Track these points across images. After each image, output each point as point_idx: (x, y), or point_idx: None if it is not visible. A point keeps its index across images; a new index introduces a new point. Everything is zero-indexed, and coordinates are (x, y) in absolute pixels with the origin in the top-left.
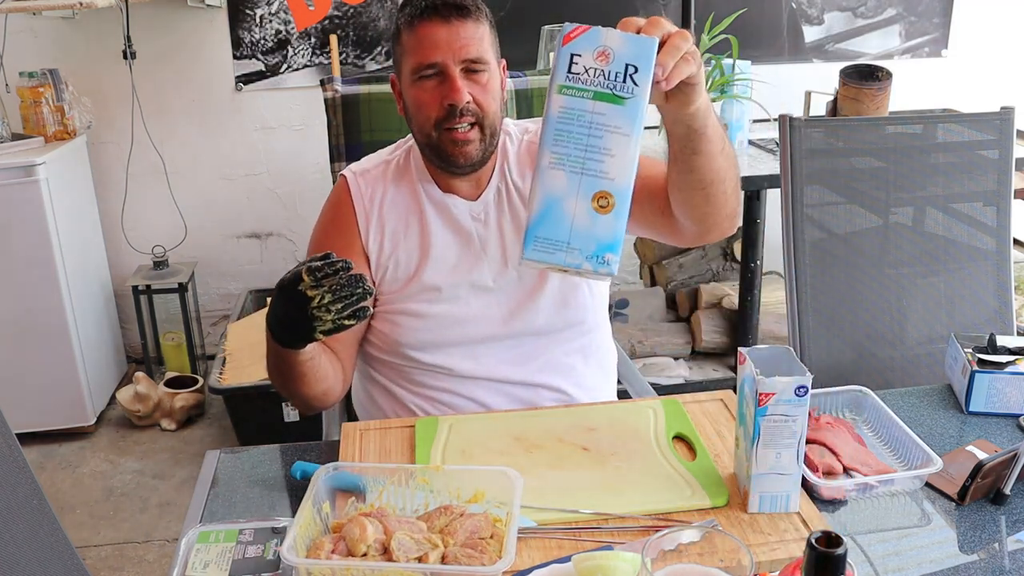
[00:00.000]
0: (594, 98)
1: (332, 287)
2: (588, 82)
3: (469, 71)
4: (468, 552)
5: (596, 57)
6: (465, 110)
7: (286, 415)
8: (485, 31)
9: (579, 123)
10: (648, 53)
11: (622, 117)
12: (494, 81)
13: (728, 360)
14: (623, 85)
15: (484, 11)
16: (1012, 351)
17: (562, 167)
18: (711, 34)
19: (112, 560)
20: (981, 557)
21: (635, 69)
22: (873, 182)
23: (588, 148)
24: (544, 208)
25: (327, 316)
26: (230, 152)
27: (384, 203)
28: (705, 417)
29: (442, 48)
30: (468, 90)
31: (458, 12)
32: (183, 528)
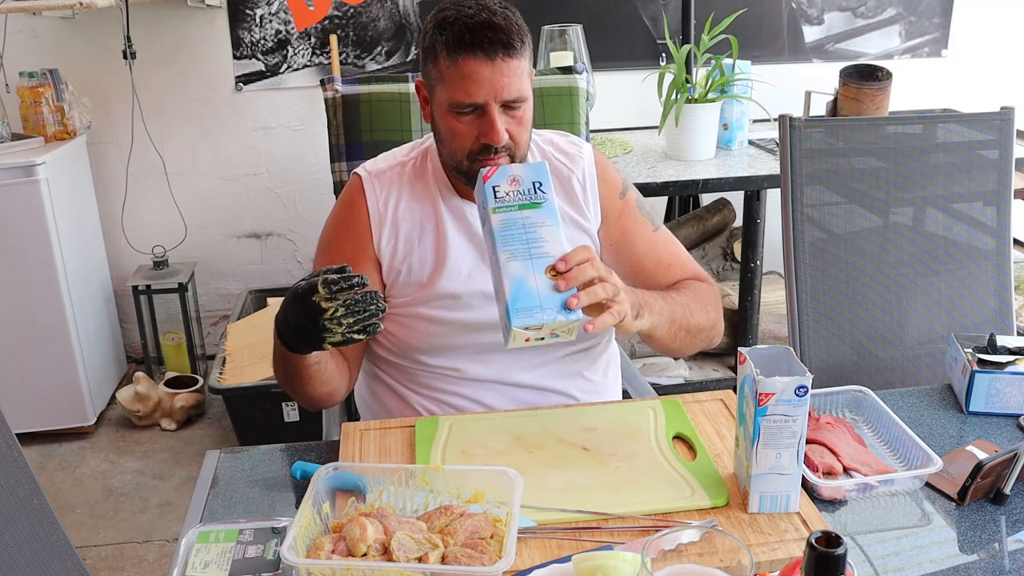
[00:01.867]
0: (520, 208)
1: (347, 301)
2: (512, 200)
3: (508, 107)
4: (468, 552)
5: (510, 183)
6: (502, 147)
7: (286, 415)
8: (527, 63)
9: (516, 227)
10: (543, 170)
11: (544, 214)
12: (530, 111)
13: (728, 360)
14: (536, 194)
15: (527, 40)
16: (1012, 351)
17: (516, 258)
18: (711, 34)
19: (112, 560)
20: (981, 557)
21: (540, 183)
22: (873, 182)
23: (529, 241)
24: (515, 289)
25: (338, 328)
26: (230, 152)
27: (399, 206)
28: (705, 417)
29: (484, 88)
30: (506, 127)
31: (504, 51)
32: (183, 528)
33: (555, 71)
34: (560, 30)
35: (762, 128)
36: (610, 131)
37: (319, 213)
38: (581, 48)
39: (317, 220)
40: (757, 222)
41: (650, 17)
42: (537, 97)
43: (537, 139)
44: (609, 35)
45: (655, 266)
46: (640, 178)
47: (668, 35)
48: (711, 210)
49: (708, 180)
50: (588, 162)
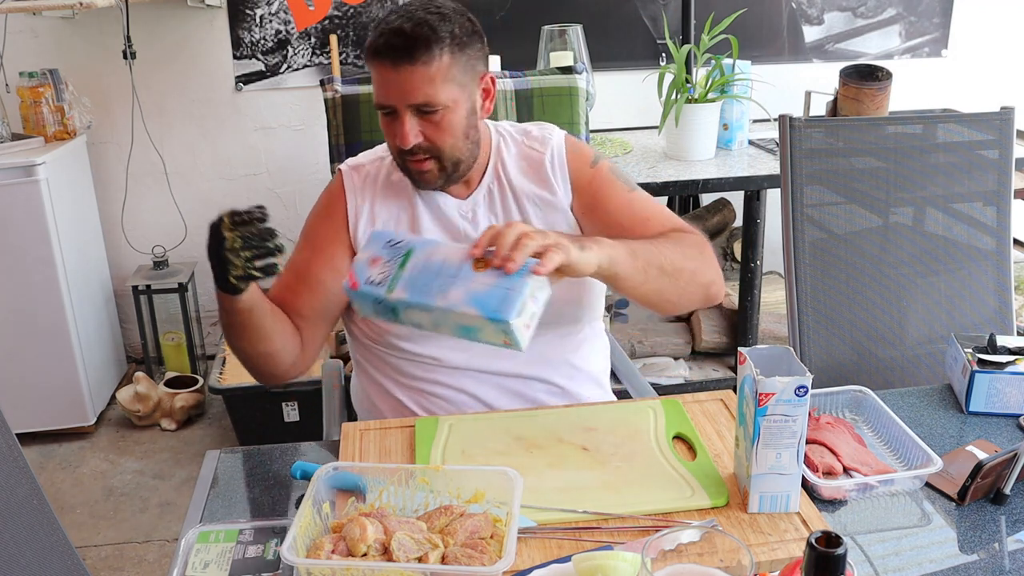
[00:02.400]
0: (401, 267)
1: (244, 234)
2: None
3: (423, 112)
4: (468, 552)
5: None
6: (417, 148)
7: (286, 415)
8: (441, 67)
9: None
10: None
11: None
12: (454, 113)
13: (728, 360)
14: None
15: (445, 41)
16: (1012, 351)
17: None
18: (711, 34)
19: (112, 560)
20: (981, 557)
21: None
22: (873, 182)
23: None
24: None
25: (238, 261)
26: (230, 152)
27: (377, 199)
28: (705, 417)
29: (392, 92)
30: (420, 129)
31: (407, 57)
32: (183, 528)
33: (555, 71)
34: (560, 30)
35: (762, 128)
36: (610, 131)
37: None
38: (581, 48)
39: None
40: (757, 222)
41: (650, 17)
42: (537, 97)
43: (512, 130)
44: (609, 35)
45: (631, 221)
46: (640, 178)
47: (668, 35)
48: (711, 210)
49: (708, 180)
50: (557, 141)
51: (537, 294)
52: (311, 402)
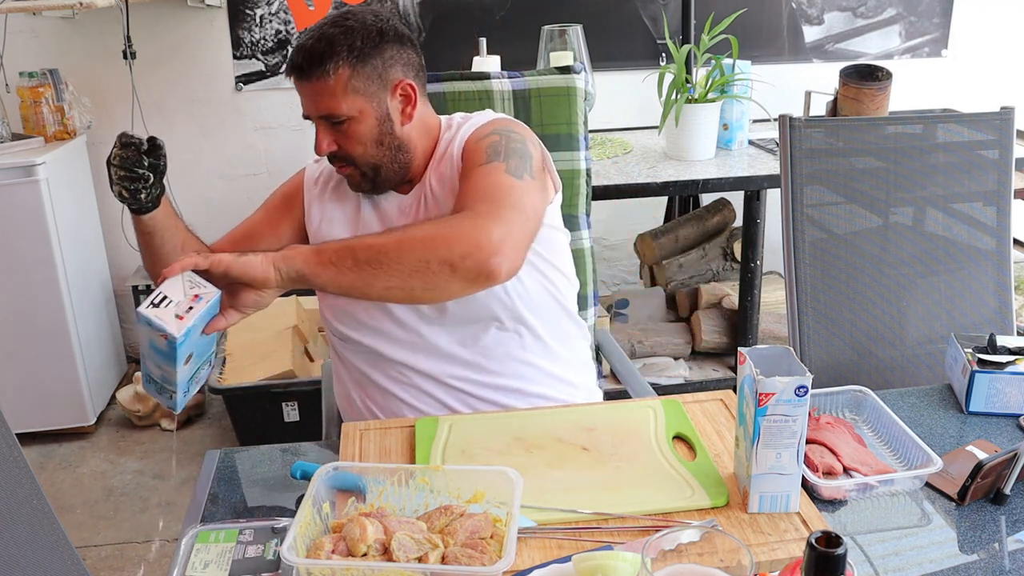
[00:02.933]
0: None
1: (123, 155)
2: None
3: (333, 123)
4: (468, 552)
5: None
6: (333, 156)
7: (286, 415)
8: (340, 79)
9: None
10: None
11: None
12: (360, 125)
13: (728, 360)
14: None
15: (342, 55)
16: (1012, 351)
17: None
18: (711, 34)
19: (112, 560)
20: (981, 557)
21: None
22: (873, 182)
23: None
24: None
25: (113, 176)
26: (230, 152)
27: (327, 190)
28: (705, 417)
29: (305, 104)
30: (333, 138)
31: (305, 73)
32: (183, 528)
33: (553, 71)
34: (560, 30)
35: (762, 128)
36: (610, 131)
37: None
38: (581, 48)
39: None
40: (757, 222)
41: (650, 17)
42: (535, 97)
43: (461, 122)
44: (609, 35)
45: (456, 200)
46: (640, 178)
47: (668, 35)
48: (711, 210)
49: (708, 180)
50: (480, 120)
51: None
52: (311, 402)
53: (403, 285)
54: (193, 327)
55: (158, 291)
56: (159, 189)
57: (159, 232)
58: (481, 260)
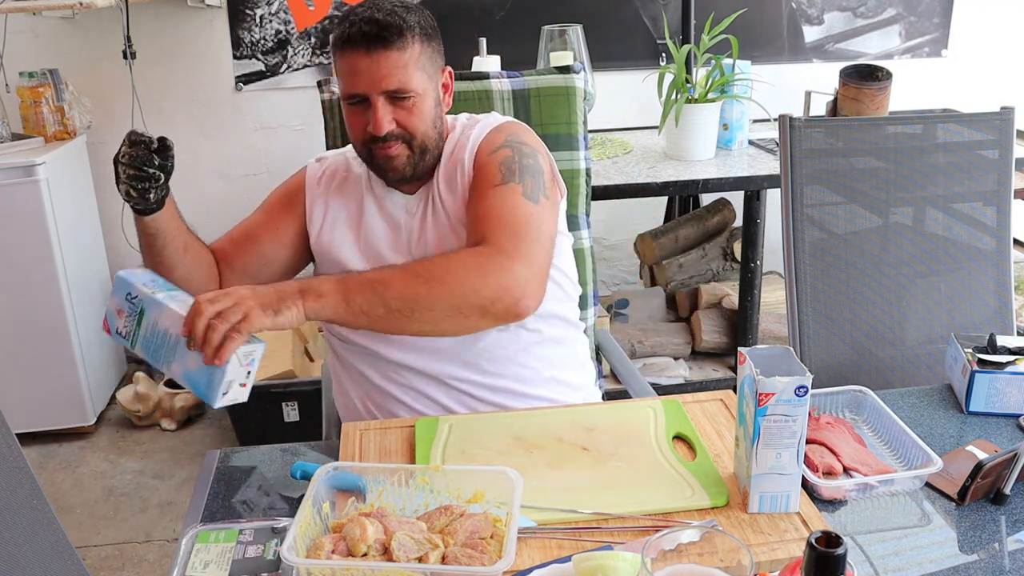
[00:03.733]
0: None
1: (132, 153)
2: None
3: (395, 99)
4: (468, 552)
5: (120, 317)
6: (390, 135)
7: (286, 415)
8: (413, 55)
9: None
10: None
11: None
12: (424, 101)
13: (728, 360)
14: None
15: (414, 31)
16: (1012, 351)
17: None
18: (711, 34)
19: (112, 560)
20: (981, 557)
21: (128, 294)
22: (873, 182)
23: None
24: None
25: (121, 174)
26: (230, 152)
27: (331, 189)
28: (705, 417)
29: (364, 80)
30: (393, 115)
31: (381, 43)
32: (183, 528)
33: (552, 71)
34: (560, 30)
35: (762, 128)
36: (610, 131)
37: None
38: (581, 48)
39: None
40: (757, 222)
41: (650, 17)
42: (534, 97)
43: (466, 123)
44: (609, 35)
45: (471, 222)
46: (640, 178)
47: (668, 35)
48: (711, 210)
49: (708, 180)
50: (491, 123)
51: (244, 362)
52: (311, 402)
53: (434, 329)
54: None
55: (225, 381)
56: (166, 190)
57: (162, 234)
58: (510, 304)
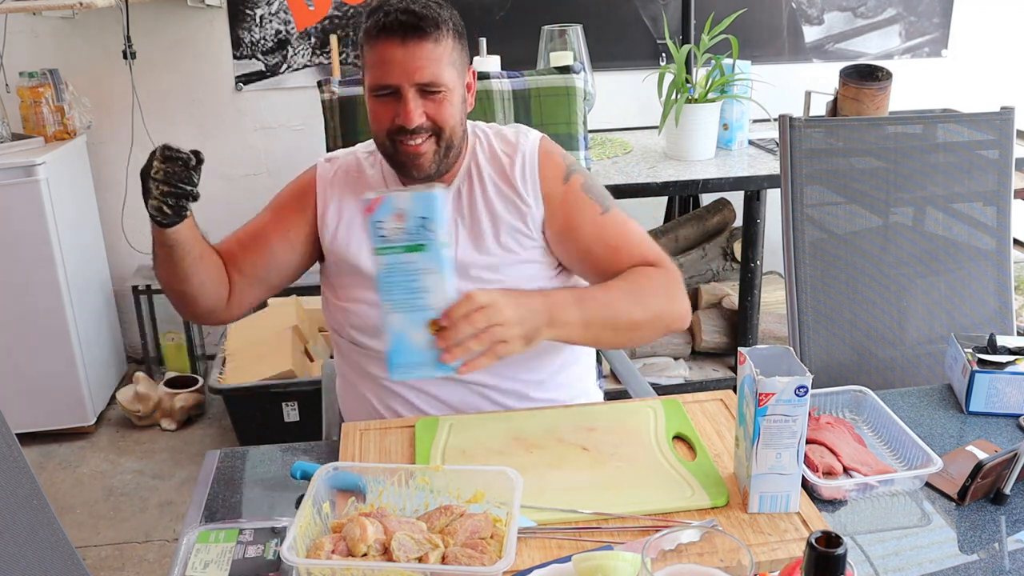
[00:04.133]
0: (404, 251)
1: (168, 169)
2: (396, 240)
3: (426, 92)
4: (468, 552)
5: (395, 219)
6: (419, 128)
7: (286, 415)
8: (446, 49)
9: (399, 273)
10: (431, 203)
11: (428, 260)
12: (453, 96)
13: (728, 360)
14: (421, 234)
15: (448, 25)
16: (1012, 351)
17: (398, 311)
18: (711, 34)
19: (112, 560)
20: (981, 557)
21: (426, 219)
22: (873, 182)
23: (412, 291)
24: (395, 343)
25: (155, 191)
26: (230, 152)
27: (344, 191)
28: (705, 417)
29: (397, 70)
30: (423, 108)
31: (416, 33)
32: (183, 528)
33: (552, 71)
34: (560, 30)
35: (762, 128)
36: (610, 131)
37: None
38: (581, 48)
39: None
40: (757, 222)
41: (650, 17)
42: (534, 97)
43: (489, 132)
44: (609, 35)
45: (603, 251)
46: (640, 178)
47: (668, 35)
48: (711, 210)
49: (708, 180)
50: (530, 148)
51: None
52: (311, 402)
53: (629, 344)
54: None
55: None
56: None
57: (181, 245)
58: (683, 325)
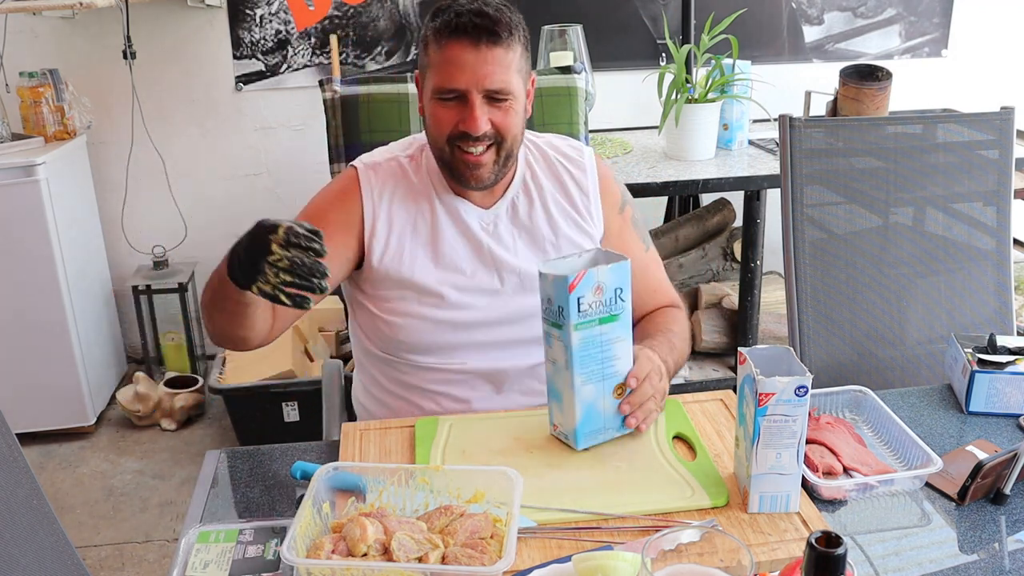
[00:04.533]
0: (600, 323)
1: (295, 257)
2: (593, 313)
3: (493, 99)
4: (468, 552)
5: (595, 292)
6: (483, 136)
7: (286, 415)
8: (515, 56)
9: (594, 346)
10: (626, 273)
11: (619, 328)
12: (518, 105)
13: (728, 360)
14: (615, 304)
15: (519, 31)
16: (1012, 351)
17: (590, 382)
18: (711, 34)
19: (112, 560)
20: (981, 557)
21: (620, 289)
22: (873, 182)
23: (603, 360)
24: (585, 414)
25: (273, 279)
26: (230, 152)
27: (394, 202)
28: (705, 417)
29: (467, 74)
30: (488, 116)
31: (489, 37)
32: (183, 528)
33: (554, 71)
34: (560, 30)
35: (762, 128)
36: (610, 131)
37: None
38: (581, 48)
39: None
40: (757, 222)
41: (650, 17)
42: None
43: (538, 141)
44: (609, 35)
45: (643, 290)
46: (640, 178)
47: (668, 35)
48: (711, 210)
49: (708, 180)
50: (592, 171)
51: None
52: (311, 402)
53: None
54: None
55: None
56: None
57: (257, 302)
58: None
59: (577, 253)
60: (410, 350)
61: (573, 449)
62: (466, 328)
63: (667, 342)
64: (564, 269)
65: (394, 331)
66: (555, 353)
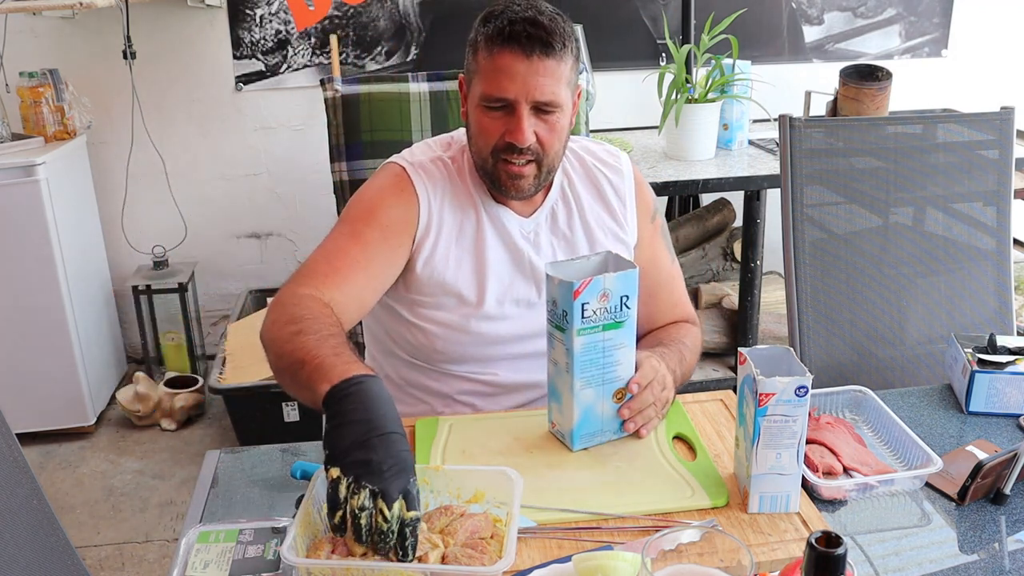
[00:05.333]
0: (603, 329)
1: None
2: (598, 320)
3: (540, 111)
4: (468, 552)
5: (600, 299)
6: (528, 148)
7: (286, 415)
8: (566, 67)
9: (595, 351)
10: (633, 281)
11: (623, 335)
12: (564, 119)
13: (728, 360)
14: (621, 312)
15: (571, 45)
16: (1012, 351)
17: (590, 386)
18: (711, 34)
19: (112, 560)
20: (981, 557)
21: (627, 297)
22: (873, 182)
23: (605, 366)
24: (582, 416)
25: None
26: (230, 152)
27: (444, 203)
28: (705, 417)
29: (516, 84)
30: (534, 129)
31: (542, 48)
32: (183, 528)
33: None
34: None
35: (762, 128)
36: (610, 131)
37: (319, 213)
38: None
39: (317, 220)
40: (757, 222)
41: (650, 17)
42: None
43: (573, 146)
44: (609, 35)
45: (666, 302)
46: None
47: (668, 35)
48: (711, 210)
49: (708, 180)
50: (628, 178)
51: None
52: None
53: None
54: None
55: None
56: None
57: None
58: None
59: (587, 256)
60: (444, 359)
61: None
62: (501, 342)
63: (678, 353)
64: (571, 273)
65: (430, 339)
66: (557, 355)
